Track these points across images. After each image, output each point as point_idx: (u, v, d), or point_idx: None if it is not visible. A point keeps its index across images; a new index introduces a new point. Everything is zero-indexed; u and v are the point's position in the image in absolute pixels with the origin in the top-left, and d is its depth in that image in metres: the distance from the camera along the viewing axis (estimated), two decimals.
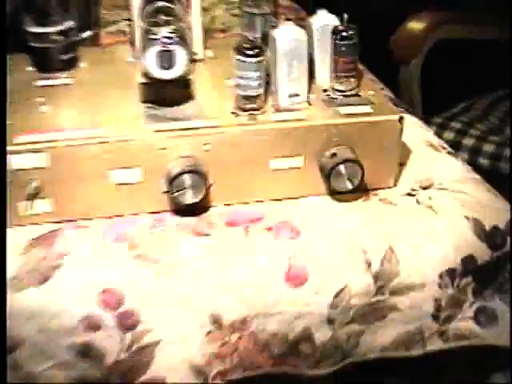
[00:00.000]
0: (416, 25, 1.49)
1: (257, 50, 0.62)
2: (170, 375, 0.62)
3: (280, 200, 0.67)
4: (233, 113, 0.64)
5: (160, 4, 0.66)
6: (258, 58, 0.62)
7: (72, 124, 0.64)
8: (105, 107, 0.67)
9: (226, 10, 1.18)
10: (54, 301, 0.59)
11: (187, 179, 0.60)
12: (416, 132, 0.77)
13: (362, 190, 0.67)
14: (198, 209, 0.65)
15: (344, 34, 0.66)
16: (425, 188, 0.69)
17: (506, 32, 1.41)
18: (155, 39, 0.57)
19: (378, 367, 0.67)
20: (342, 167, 0.63)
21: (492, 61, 1.59)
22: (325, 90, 0.69)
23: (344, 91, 0.68)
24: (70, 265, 0.60)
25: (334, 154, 0.63)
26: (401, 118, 0.65)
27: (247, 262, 0.62)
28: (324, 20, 0.68)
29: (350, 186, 0.64)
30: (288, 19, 0.68)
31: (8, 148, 0.60)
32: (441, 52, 1.52)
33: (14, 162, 0.60)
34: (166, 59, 0.58)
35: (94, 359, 0.60)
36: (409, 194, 0.68)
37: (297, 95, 0.66)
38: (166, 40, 0.57)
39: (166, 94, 0.65)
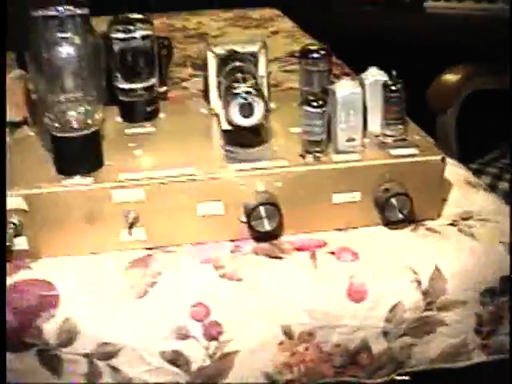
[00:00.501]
0: (451, 77, 1.59)
1: (320, 102, 0.71)
2: (246, 382, 0.71)
3: (341, 229, 0.75)
4: (300, 155, 0.74)
5: (237, 64, 0.78)
6: (322, 109, 0.72)
7: (162, 164, 0.73)
8: (188, 150, 0.77)
9: (278, 67, 1.32)
10: (150, 313, 0.68)
11: (263, 210, 0.69)
12: (455, 172, 0.85)
13: (410, 221, 0.75)
14: (271, 237, 0.73)
15: (393, 87, 0.75)
16: (465, 219, 0.77)
17: None
18: (237, 93, 0.69)
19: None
20: (393, 200, 0.71)
21: None
22: (376, 136, 0.78)
23: (393, 136, 0.77)
24: (164, 282, 0.69)
25: (386, 189, 0.72)
26: (443, 158, 0.74)
27: (314, 280, 0.69)
28: (375, 76, 0.77)
29: (400, 217, 0.72)
30: (340, 75, 0.80)
31: (111, 184, 0.70)
32: (475, 102, 1.61)
33: (116, 195, 0.70)
34: (247, 110, 0.68)
35: (182, 366, 0.68)
36: (451, 224, 0.76)
37: (353, 140, 0.74)
38: (245, 94, 0.69)
39: (244, 139, 0.76)
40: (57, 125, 0.71)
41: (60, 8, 0.69)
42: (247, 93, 0.68)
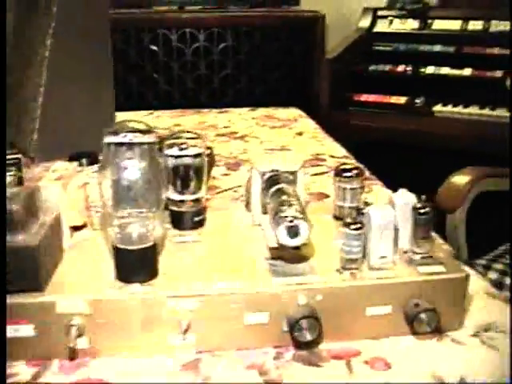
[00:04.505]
0: (459, 179, 1.64)
1: (358, 225, 0.75)
2: None
3: (374, 338, 0.77)
4: (337, 271, 0.77)
5: (281, 186, 0.82)
6: (359, 231, 0.76)
7: (212, 275, 0.77)
8: (235, 261, 0.80)
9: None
10: None
11: (305, 323, 0.72)
12: (477, 283, 0.88)
13: (436, 332, 0.77)
14: (310, 345, 0.75)
15: (421, 210, 0.78)
16: (486, 330, 0.79)
17: None
18: (285, 217, 0.73)
19: None
20: (423, 315, 0.74)
21: None
22: (405, 252, 0.81)
23: (421, 253, 0.80)
24: None
25: (416, 305, 0.75)
26: (467, 276, 0.78)
27: None
28: (405, 198, 0.81)
29: (428, 330, 0.75)
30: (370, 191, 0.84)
31: (167, 293, 0.73)
32: (483, 202, 1.66)
33: (170, 304, 0.73)
34: (293, 232, 0.72)
35: None
36: (474, 335, 0.78)
37: (385, 257, 0.78)
38: (292, 218, 0.73)
39: (288, 255, 0.78)
40: (119, 237, 0.75)
41: (129, 135, 0.74)
42: (294, 217, 0.73)
